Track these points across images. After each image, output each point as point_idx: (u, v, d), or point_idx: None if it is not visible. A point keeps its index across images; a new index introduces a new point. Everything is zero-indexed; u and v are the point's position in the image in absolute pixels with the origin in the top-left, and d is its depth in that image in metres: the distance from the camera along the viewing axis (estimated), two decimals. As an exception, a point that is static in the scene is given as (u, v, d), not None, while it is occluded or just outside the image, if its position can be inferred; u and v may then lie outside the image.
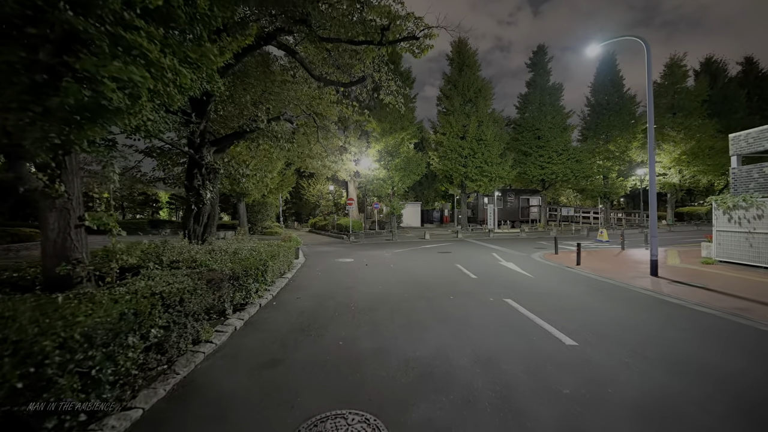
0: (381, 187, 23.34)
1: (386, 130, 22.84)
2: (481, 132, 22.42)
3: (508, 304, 5.76)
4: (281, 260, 7.65)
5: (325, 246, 16.83)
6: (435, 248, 15.08)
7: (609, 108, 26.21)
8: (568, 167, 23.82)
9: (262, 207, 22.07)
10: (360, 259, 11.65)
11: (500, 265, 10.05)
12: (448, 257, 11.94)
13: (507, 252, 13.52)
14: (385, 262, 10.70)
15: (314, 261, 11.30)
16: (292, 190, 47.17)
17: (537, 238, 21.03)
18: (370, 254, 12.96)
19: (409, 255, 12.66)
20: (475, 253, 13.10)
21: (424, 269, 9.32)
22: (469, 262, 10.76)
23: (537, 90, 24.97)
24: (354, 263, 10.60)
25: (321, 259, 11.66)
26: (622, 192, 26.36)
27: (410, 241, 18.99)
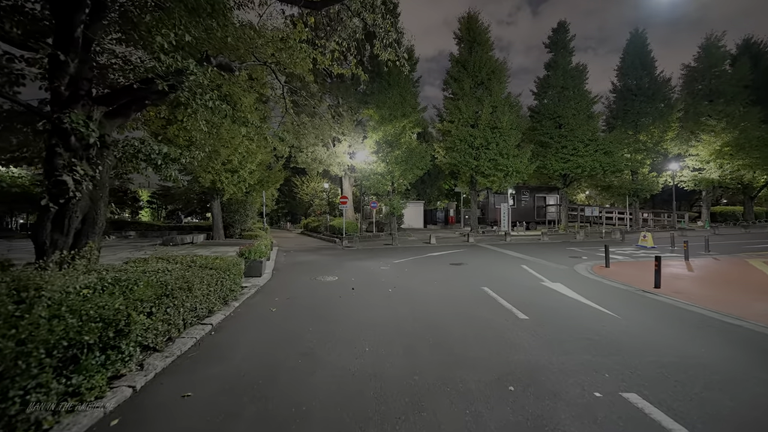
0: (379, 183, 20.21)
1: (385, 117, 19.74)
2: (495, 119, 19.27)
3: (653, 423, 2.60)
4: (202, 293, 4.52)
5: (309, 253, 13.71)
6: (445, 257, 11.96)
7: (639, 93, 23.01)
8: (597, 160, 20.62)
9: (240, 206, 18.97)
10: (347, 275, 8.52)
11: (548, 290, 6.90)
12: (467, 273, 8.80)
13: (540, 263, 10.37)
14: (381, 284, 7.56)
15: (282, 280, 8.16)
16: (285, 188, 44.13)
17: (562, 242, 17.89)
18: (362, 267, 9.83)
19: (414, 269, 9.53)
20: (499, 266, 9.96)
21: (439, 300, 6.18)
22: (500, 282, 7.61)
23: (558, 72, 21.79)
24: (337, 285, 7.47)
25: (293, 277, 8.53)
26: (656, 189, 23.17)
27: (413, 247, 15.86)
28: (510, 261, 11.08)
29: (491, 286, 7.22)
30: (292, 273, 9.04)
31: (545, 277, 8.20)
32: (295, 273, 9.03)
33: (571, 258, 11.76)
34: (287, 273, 9.04)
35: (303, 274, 8.75)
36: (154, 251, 7.03)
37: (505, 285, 7.35)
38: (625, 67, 23.90)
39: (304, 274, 8.87)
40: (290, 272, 9.16)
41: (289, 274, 8.93)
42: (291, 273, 9.04)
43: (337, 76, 24.57)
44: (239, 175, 16.88)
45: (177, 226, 21.50)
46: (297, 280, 8.04)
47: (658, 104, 22.34)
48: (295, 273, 9.03)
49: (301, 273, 9.01)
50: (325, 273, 8.90)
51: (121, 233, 20.04)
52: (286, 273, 9.04)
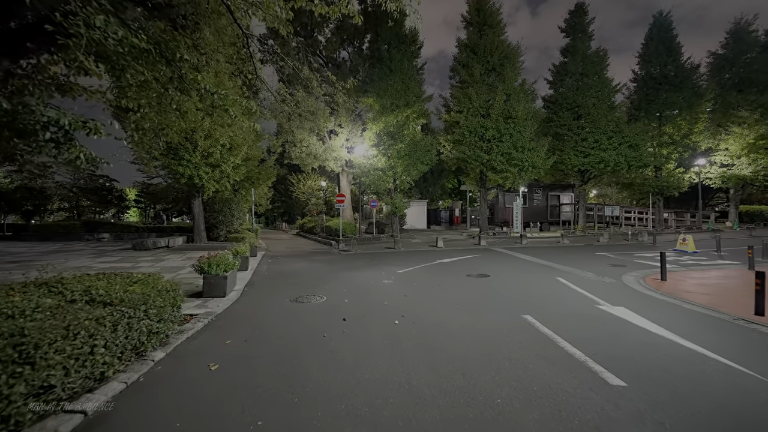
0: (380, 179, 18.25)
1: (386, 106, 17.77)
2: (509, 108, 17.30)
3: None
4: (75, 351, 2.56)
5: (299, 260, 11.74)
6: (459, 265, 10.00)
7: (664, 82, 21.02)
8: (622, 154, 18.62)
9: (225, 205, 17.01)
10: (340, 294, 6.56)
11: (615, 319, 4.92)
12: (493, 289, 6.82)
13: (577, 275, 8.41)
14: (383, 311, 5.59)
15: (251, 303, 6.19)
16: (281, 187, 42.17)
17: (585, 246, 15.94)
18: (359, 280, 7.87)
19: (424, 283, 7.56)
20: (529, 278, 7.99)
21: (470, 342, 4.21)
22: (543, 306, 5.63)
23: (577, 57, 19.80)
24: (323, 311, 5.50)
25: (268, 297, 6.56)
26: (684, 186, 21.18)
27: (418, 251, 13.92)
28: (539, 271, 9.11)
29: (535, 312, 5.26)
30: (269, 289, 7.07)
31: (597, 297, 6.24)
32: (273, 289, 7.07)
33: (610, 266, 9.83)
34: (263, 290, 7.07)
35: (282, 292, 6.78)
36: (119, 258, 5.07)
37: (552, 311, 5.39)
38: (647, 53, 21.89)
39: (284, 291, 6.90)
40: (267, 288, 7.19)
41: (265, 291, 6.96)
42: (268, 289, 7.08)
43: (333, 63, 22.64)
44: (221, 170, 14.92)
45: (157, 227, 19.57)
46: (272, 302, 6.07)
47: (685, 93, 20.35)
48: (273, 289, 7.07)
49: (280, 289, 7.04)
50: (312, 289, 6.94)
51: (93, 235, 18.10)
52: (262, 290, 7.07)
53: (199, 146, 13.78)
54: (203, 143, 13.82)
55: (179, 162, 13.65)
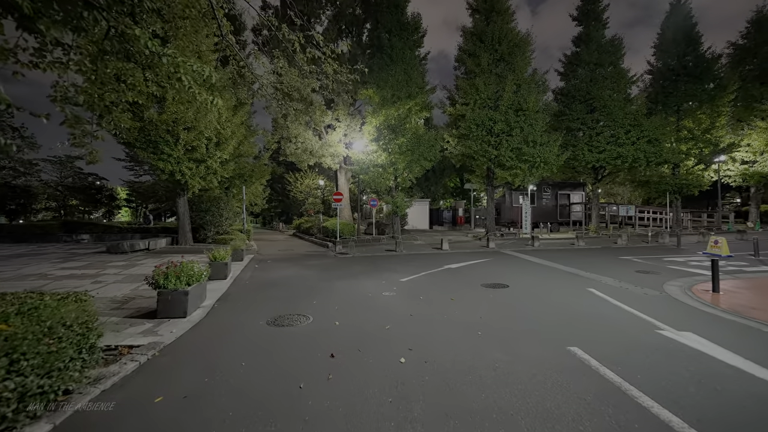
0: (380, 177, 17.00)
1: (387, 98, 16.52)
2: (520, 99, 16.02)
3: None
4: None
5: (290, 264, 10.47)
6: (469, 271, 8.73)
7: (682, 73, 19.73)
8: (640, 149, 17.32)
9: (213, 204, 15.74)
10: (331, 312, 5.30)
11: (692, 353, 3.63)
12: (518, 306, 5.53)
13: (610, 285, 7.15)
14: (384, 337, 4.33)
15: (217, 327, 4.93)
16: (278, 186, 40.92)
17: (603, 248, 14.70)
18: (356, 292, 6.60)
19: (433, 296, 6.28)
20: (556, 289, 6.71)
21: (506, 394, 2.96)
22: (590, 331, 4.35)
23: (591, 46, 18.51)
24: (306, 341, 4.24)
25: (241, 318, 5.31)
26: (707, 184, 19.89)
27: (422, 254, 12.67)
28: (564, 280, 7.85)
29: (582, 342, 4.01)
30: (245, 306, 5.81)
31: (650, 316, 5.00)
32: (250, 306, 5.80)
33: (642, 274, 8.59)
34: (237, 307, 5.81)
35: (261, 310, 5.52)
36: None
37: (603, 339, 4.12)
38: (664, 43, 20.59)
39: (263, 308, 5.64)
40: (243, 304, 5.93)
41: (240, 308, 5.69)
42: (244, 306, 5.81)
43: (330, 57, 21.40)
44: (207, 166, 13.65)
45: (142, 228, 18.33)
46: (243, 325, 4.80)
47: (706, 85, 19.06)
48: (250, 306, 5.80)
49: (259, 306, 5.78)
50: (298, 305, 5.68)
51: (72, 236, 16.83)
52: (236, 307, 5.81)
53: (181, 139, 12.52)
54: (185, 136, 12.57)
55: (159, 156, 12.39)
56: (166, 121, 12.25)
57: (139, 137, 12.19)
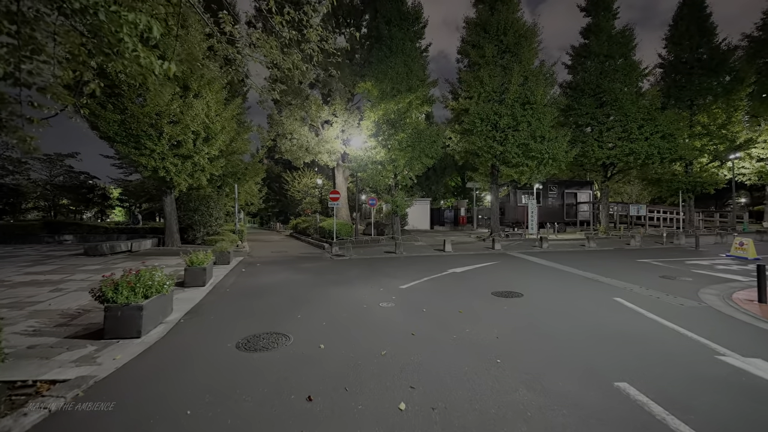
0: (379, 174, 16.13)
1: (386, 92, 15.67)
2: (527, 91, 15.13)
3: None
4: None
5: (281, 268, 9.59)
6: (476, 276, 7.86)
7: (696, 66, 18.83)
8: (654, 145, 16.41)
9: (202, 203, 14.88)
10: (317, 328, 4.44)
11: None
12: (539, 322, 4.63)
13: (640, 294, 6.27)
14: (378, 370, 3.46)
15: (175, 353, 4.06)
16: (275, 185, 40.03)
17: (617, 250, 13.85)
18: (349, 302, 5.73)
19: (437, 308, 5.40)
20: (579, 300, 5.80)
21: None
22: (640, 363, 3.44)
23: (602, 37, 17.60)
24: (282, 369, 3.36)
25: (207, 341, 4.44)
26: (723, 183, 18.98)
27: (423, 257, 11.81)
28: (585, 287, 6.98)
29: (629, 373, 3.14)
30: (216, 321, 4.94)
31: (699, 335, 4.13)
32: (222, 321, 4.93)
33: (666, 279, 7.74)
34: (207, 322, 4.94)
35: (234, 327, 4.65)
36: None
37: (655, 372, 3.24)
38: (677, 35, 19.68)
39: (237, 324, 4.77)
40: (215, 319, 5.06)
41: (209, 324, 4.82)
42: (215, 321, 4.94)
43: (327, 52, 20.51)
44: (194, 162, 12.79)
45: (129, 228, 17.48)
46: (207, 350, 3.93)
47: (721, 78, 18.16)
48: (222, 321, 4.93)
49: (233, 321, 4.91)
50: (279, 321, 4.81)
51: (55, 237, 15.98)
52: (205, 322, 4.94)
53: (165, 133, 11.66)
54: (169, 129, 11.71)
55: (140, 151, 11.53)
56: (149, 113, 11.41)
57: (119, 131, 11.35)
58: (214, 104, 13.28)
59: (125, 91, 11.21)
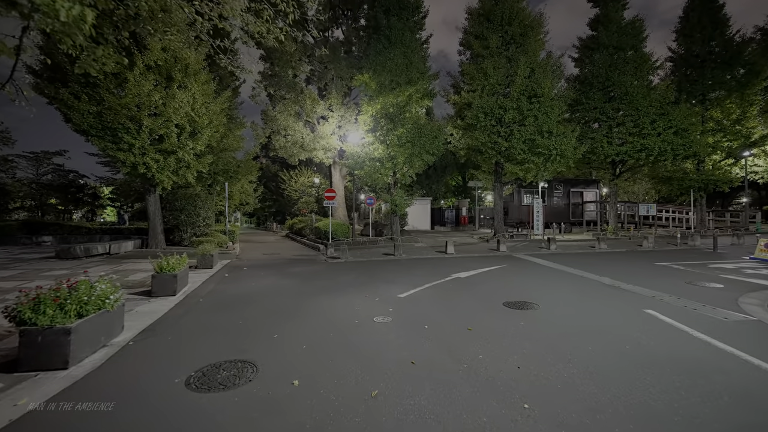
0: (377, 172, 15.29)
1: (385, 85, 14.82)
2: (533, 84, 14.29)
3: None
4: None
5: (269, 273, 8.72)
6: (482, 281, 7.01)
7: (708, 59, 18.02)
8: (667, 141, 15.57)
9: (188, 202, 14.01)
10: (294, 354, 3.59)
11: None
12: (564, 341, 3.73)
13: (672, 304, 5.43)
14: (366, 416, 2.59)
15: (100, 393, 3.20)
16: (272, 184, 39.14)
17: (629, 251, 13.05)
18: (338, 316, 4.87)
19: (441, 324, 4.54)
20: (604, 313, 4.91)
21: None
22: (719, 413, 2.63)
23: (611, 28, 16.78)
24: (233, 425, 2.51)
25: (150, 375, 3.57)
26: (737, 181, 18.16)
27: (424, 260, 10.96)
28: (607, 296, 6.13)
29: None
30: (174, 342, 4.07)
31: (764, 360, 3.27)
32: (181, 342, 4.06)
33: (694, 286, 6.94)
34: (162, 344, 4.07)
35: (193, 350, 3.79)
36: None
37: (739, 419, 2.39)
38: (688, 27, 18.87)
39: (198, 346, 3.91)
40: (173, 339, 4.19)
41: (164, 347, 3.96)
42: (172, 343, 4.07)
43: (324, 44, 19.63)
44: (178, 158, 11.92)
45: (113, 228, 16.61)
46: (146, 387, 3.07)
47: (735, 71, 17.34)
48: (181, 342, 4.06)
49: (194, 342, 4.05)
50: (250, 342, 3.95)
51: (32, 238, 15.10)
52: (160, 344, 4.07)
53: (144, 126, 10.79)
54: (149, 122, 10.84)
55: (118, 146, 10.66)
56: (128, 104, 10.55)
57: (94, 123, 10.48)
58: (200, 96, 12.42)
59: (101, 80, 10.34)
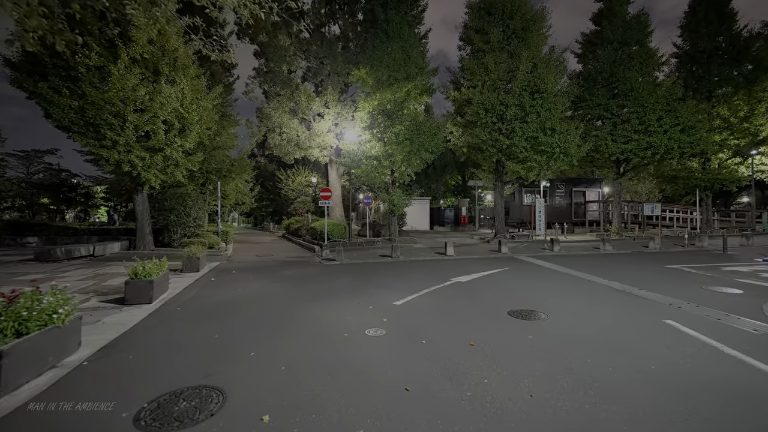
0: (374, 170, 14.79)
1: (382, 80, 14.32)
2: (536, 79, 13.80)
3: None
4: None
5: (259, 276, 8.21)
6: (484, 286, 6.52)
7: (716, 55, 17.55)
8: (674, 139, 15.10)
9: (178, 202, 13.50)
10: (270, 378, 3.09)
11: None
12: (577, 358, 3.21)
13: (688, 312, 4.92)
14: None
15: (47, 422, 2.69)
16: (269, 183, 38.59)
17: (635, 253, 12.60)
18: (326, 329, 4.37)
19: (440, 335, 4.04)
20: (617, 323, 4.38)
21: None
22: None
23: (616, 22, 16.28)
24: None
25: (104, 401, 3.06)
26: (745, 180, 17.70)
27: (423, 262, 10.48)
28: (620, 303, 5.64)
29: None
30: (135, 362, 3.56)
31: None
32: (144, 361, 3.56)
33: (711, 292, 6.47)
34: (122, 364, 3.57)
35: (155, 372, 3.29)
36: None
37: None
38: (694, 22, 18.40)
39: (163, 366, 3.41)
40: (136, 358, 3.69)
41: (124, 367, 3.45)
42: (133, 362, 3.57)
43: (321, 40, 19.08)
44: (166, 156, 11.41)
45: (102, 229, 16.10)
46: (86, 426, 2.58)
47: (743, 67, 16.88)
48: (144, 361, 3.56)
49: (158, 362, 3.55)
50: (223, 362, 3.45)
51: (17, 239, 14.57)
52: (120, 364, 3.57)
53: (128, 122, 10.27)
54: (135, 118, 10.32)
55: (101, 143, 10.15)
56: (112, 99, 10.03)
57: (76, 119, 9.97)
58: (189, 92, 11.91)
59: (83, 73, 9.82)
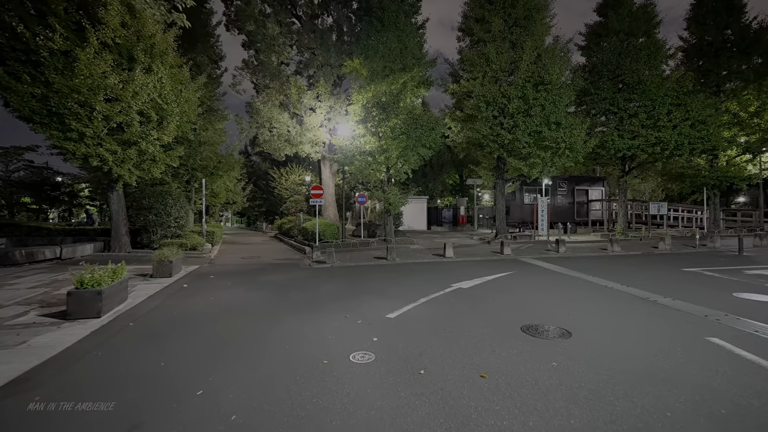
0: (369, 167, 13.95)
1: (377, 71, 13.50)
2: (540, 70, 13.03)
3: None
4: None
5: (240, 282, 7.32)
6: (489, 294, 5.69)
7: (724, 48, 16.91)
8: (684, 134, 14.39)
9: (157, 200, 12.56)
10: (216, 429, 2.26)
11: None
12: (631, 414, 2.42)
13: (731, 327, 4.07)
14: None
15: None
16: (262, 182, 37.60)
17: (645, 254, 11.90)
18: (305, 350, 3.51)
19: (443, 364, 3.20)
20: (660, 341, 3.54)
21: None
22: None
23: (622, 12, 15.56)
24: None
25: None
26: (756, 179, 17.06)
27: (420, 265, 9.65)
28: (648, 316, 4.82)
29: None
30: (40, 404, 2.69)
31: None
32: (51, 405, 2.68)
33: (747, 300, 5.68)
34: (27, 402, 2.69)
35: (60, 425, 2.43)
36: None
37: None
38: (701, 14, 17.74)
39: (75, 414, 2.54)
40: (43, 398, 2.80)
41: (20, 411, 2.58)
42: (39, 403, 2.70)
43: (313, 30, 18.17)
44: (141, 150, 10.48)
45: (78, 229, 15.12)
46: None
47: (753, 61, 16.25)
48: (51, 405, 2.68)
49: (75, 404, 2.67)
50: (158, 407, 2.59)
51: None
52: (24, 402, 2.69)
53: (96, 111, 9.34)
54: (103, 107, 9.38)
55: (65, 135, 9.21)
56: (78, 87, 9.09)
57: (38, 108, 9.03)
58: (168, 81, 10.99)
59: (46, 57, 8.88)
